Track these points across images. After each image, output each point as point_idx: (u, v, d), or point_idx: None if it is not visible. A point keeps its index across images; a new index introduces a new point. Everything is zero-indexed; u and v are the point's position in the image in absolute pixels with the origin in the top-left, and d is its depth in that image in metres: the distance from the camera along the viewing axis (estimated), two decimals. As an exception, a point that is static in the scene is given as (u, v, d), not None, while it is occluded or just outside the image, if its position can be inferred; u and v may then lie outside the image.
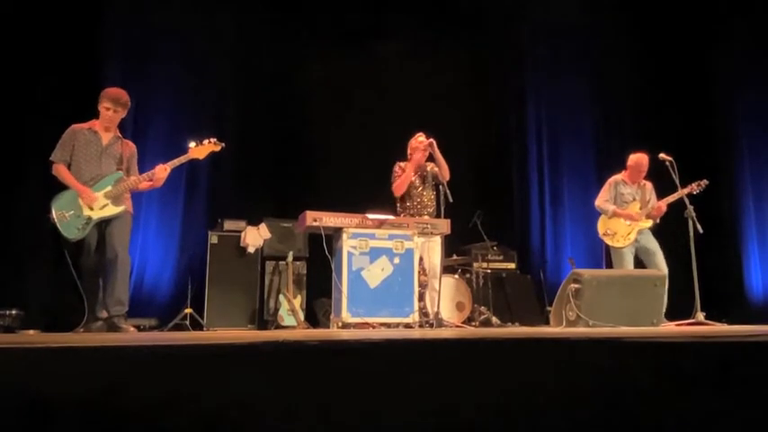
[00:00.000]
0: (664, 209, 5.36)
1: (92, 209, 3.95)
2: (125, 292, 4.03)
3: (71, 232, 3.91)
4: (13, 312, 4.61)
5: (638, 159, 5.48)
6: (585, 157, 7.66)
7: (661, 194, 5.52)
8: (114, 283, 3.96)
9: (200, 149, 4.35)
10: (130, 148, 4.29)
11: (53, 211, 3.88)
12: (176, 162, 4.25)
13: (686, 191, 5.29)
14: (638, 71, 7.33)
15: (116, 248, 3.98)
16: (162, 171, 4.15)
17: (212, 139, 4.40)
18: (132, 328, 4.04)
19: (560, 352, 1.63)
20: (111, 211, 4.01)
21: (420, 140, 5.18)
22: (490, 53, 7.61)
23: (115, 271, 3.96)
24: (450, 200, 4.85)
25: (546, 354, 1.62)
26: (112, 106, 4.14)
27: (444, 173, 5.00)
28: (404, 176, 5.09)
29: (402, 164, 5.23)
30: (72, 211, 3.92)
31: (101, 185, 4.03)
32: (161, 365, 1.43)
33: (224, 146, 4.44)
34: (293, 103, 6.95)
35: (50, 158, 4.02)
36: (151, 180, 4.16)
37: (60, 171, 4.01)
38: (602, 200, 5.51)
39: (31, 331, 4.39)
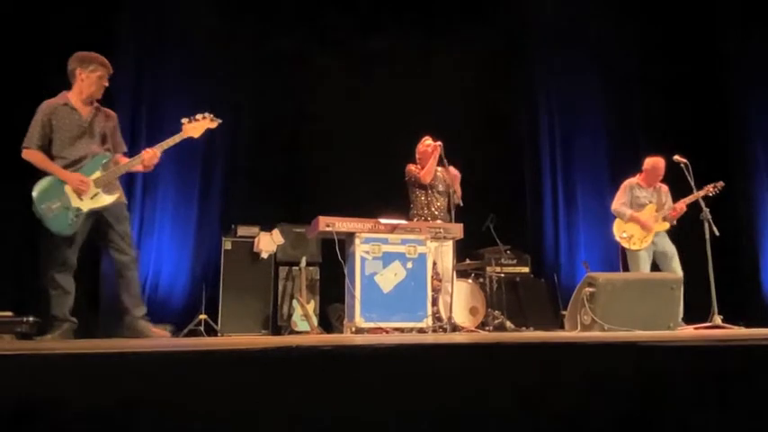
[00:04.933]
0: (684, 208, 5.31)
1: (81, 198, 3.48)
2: (139, 290, 3.80)
3: (62, 227, 3.45)
4: (30, 319, 4.64)
5: (655, 163, 5.46)
6: (599, 159, 7.61)
7: (676, 197, 5.48)
8: (133, 284, 3.70)
9: (194, 126, 3.78)
10: (112, 119, 3.79)
11: (37, 205, 3.42)
12: (168, 143, 3.69)
13: (702, 193, 5.24)
14: (653, 72, 7.28)
15: (130, 250, 3.68)
16: (150, 158, 3.61)
17: (207, 114, 3.83)
18: (164, 332, 3.92)
19: (575, 356, 1.61)
20: (104, 201, 3.55)
21: (428, 143, 5.20)
22: (501, 55, 7.60)
23: (132, 272, 3.69)
24: (461, 204, 4.85)
25: (561, 358, 1.60)
26: (105, 73, 3.65)
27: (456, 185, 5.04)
28: (428, 166, 5.07)
29: (414, 166, 5.25)
30: (58, 203, 3.44)
31: (88, 170, 3.55)
32: (176, 371, 1.44)
33: (221, 122, 3.90)
34: (306, 109, 6.98)
35: (23, 144, 3.52)
36: (143, 163, 3.64)
37: (35, 156, 3.50)
38: (619, 203, 5.48)
39: (48, 337, 4.41)
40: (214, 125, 3.89)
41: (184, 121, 3.79)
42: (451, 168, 5.04)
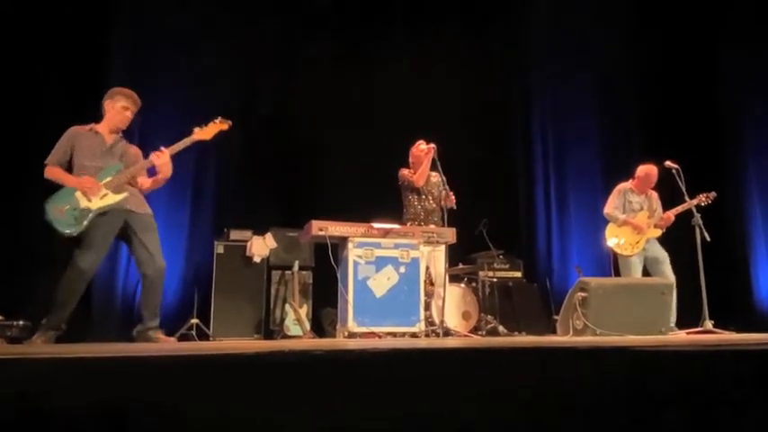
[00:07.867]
0: (672, 218, 5.36)
1: (90, 200, 3.63)
2: (157, 301, 3.81)
3: (65, 226, 3.57)
4: (21, 323, 4.60)
5: (648, 170, 5.49)
6: (592, 163, 7.64)
7: (666, 201, 5.51)
8: (151, 294, 3.73)
9: (205, 131, 3.94)
10: (135, 151, 3.98)
11: (48, 212, 3.58)
12: (178, 146, 3.84)
13: (695, 202, 5.27)
14: (646, 76, 7.33)
15: (160, 260, 3.77)
16: (157, 157, 3.77)
17: (217, 118, 3.99)
18: (172, 339, 3.93)
19: (567, 361, 1.62)
20: (112, 199, 3.69)
21: (421, 148, 5.20)
22: (495, 58, 7.63)
23: (151, 282, 3.74)
24: (454, 207, 4.86)
25: (553, 363, 1.61)
26: (131, 106, 3.86)
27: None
28: (422, 168, 5.08)
29: (407, 170, 5.26)
30: (68, 206, 3.61)
31: (100, 177, 3.72)
32: (167, 376, 1.43)
33: (231, 124, 4.04)
34: (299, 113, 6.97)
35: (45, 162, 3.72)
36: (154, 165, 3.81)
37: (54, 171, 3.69)
38: (612, 207, 5.51)
39: (39, 341, 4.38)
40: (225, 127, 4.03)
41: (196, 129, 3.95)
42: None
